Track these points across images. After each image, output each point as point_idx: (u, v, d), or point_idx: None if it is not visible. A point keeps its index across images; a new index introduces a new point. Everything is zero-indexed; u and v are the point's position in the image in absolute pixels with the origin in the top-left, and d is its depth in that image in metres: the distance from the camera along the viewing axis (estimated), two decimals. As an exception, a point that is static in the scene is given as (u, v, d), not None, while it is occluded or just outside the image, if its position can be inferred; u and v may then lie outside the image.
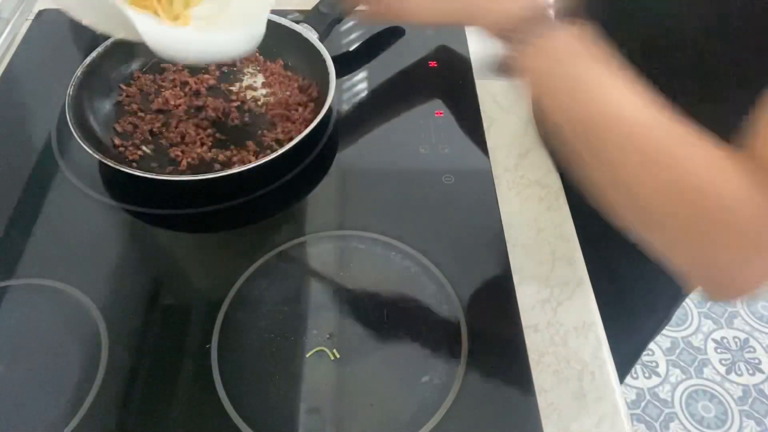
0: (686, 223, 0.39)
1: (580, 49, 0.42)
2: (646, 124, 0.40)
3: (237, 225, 0.68)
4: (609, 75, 0.41)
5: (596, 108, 0.41)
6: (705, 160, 0.39)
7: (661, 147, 0.39)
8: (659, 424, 1.45)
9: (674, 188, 0.39)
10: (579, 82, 0.41)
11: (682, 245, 0.41)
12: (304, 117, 0.75)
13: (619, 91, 0.41)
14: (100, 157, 0.65)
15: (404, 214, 0.68)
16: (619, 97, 0.40)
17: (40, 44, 0.87)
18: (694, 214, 0.39)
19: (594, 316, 0.60)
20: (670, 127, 0.40)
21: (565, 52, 0.42)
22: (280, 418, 0.53)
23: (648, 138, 0.39)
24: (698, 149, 0.39)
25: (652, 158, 0.39)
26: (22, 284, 0.61)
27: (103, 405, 0.53)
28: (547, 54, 0.42)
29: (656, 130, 0.39)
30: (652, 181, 0.39)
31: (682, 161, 0.39)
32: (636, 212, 0.42)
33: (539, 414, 0.53)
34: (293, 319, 0.59)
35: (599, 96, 0.41)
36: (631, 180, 0.40)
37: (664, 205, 0.40)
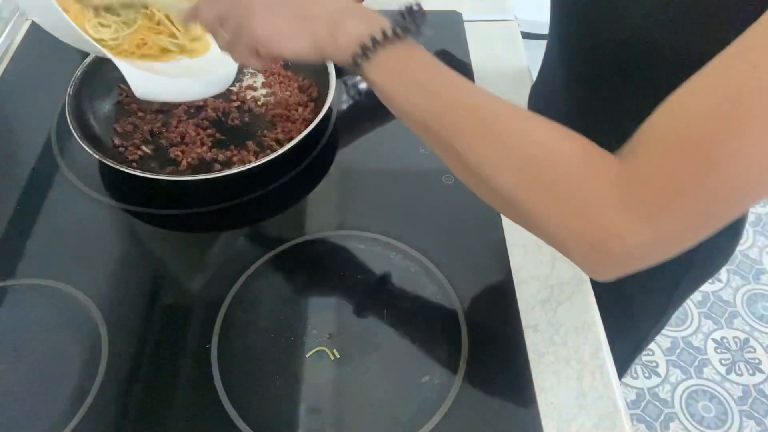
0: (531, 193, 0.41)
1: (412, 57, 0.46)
2: (474, 108, 0.43)
3: (237, 225, 0.68)
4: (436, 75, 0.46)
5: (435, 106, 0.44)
6: (539, 130, 0.42)
7: (494, 124, 0.42)
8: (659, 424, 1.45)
9: (509, 159, 0.41)
10: (416, 86, 0.45)
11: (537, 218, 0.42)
12: (304, 117, 0.75)
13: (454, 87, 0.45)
14: (100, 157, 0.65)
15: (404, 214, 0.68)
16: (454, 92, 0.45)
17: (40, 44, 0.87)
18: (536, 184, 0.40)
19: (594, 316, 0.60)
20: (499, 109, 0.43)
21: (401, 61, 0.46)
22: (280, 418, 0.53)
23: (480, 120, 0.43)
24: (531, 122, 0.42)
25: (483, 136, 0.42)
26: (22, 284, 0.62)
27: (103, 405, 0.53)
28: (384, 66, 0.46)
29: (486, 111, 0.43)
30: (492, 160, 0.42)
31: (516, 136, 0.42)
32: (491, 196, 0.45)
33: (539, 414, 0.53)
34: (293, 319, 0.59)
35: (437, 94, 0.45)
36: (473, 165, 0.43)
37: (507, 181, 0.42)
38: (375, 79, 0.47)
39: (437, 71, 0.46)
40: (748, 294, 1.68)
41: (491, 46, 0.88)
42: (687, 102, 0.37)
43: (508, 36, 0.90)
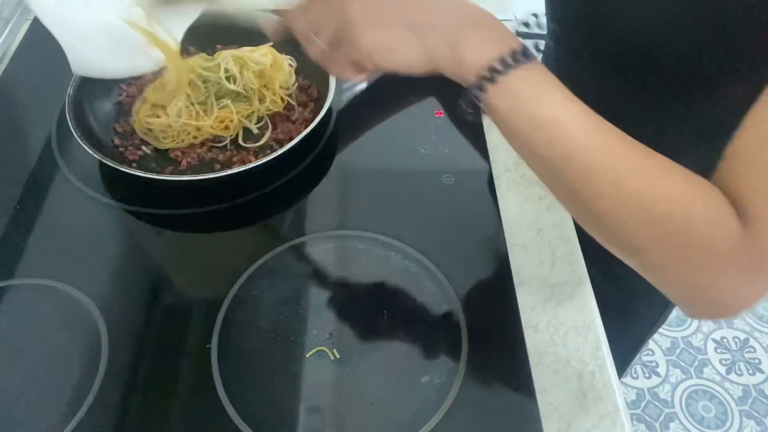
0: (661, 249, 0.41)
1: (545, 86, 0.42)
2: (612, 156, 0.40)
3: (237, 225, 0.68)
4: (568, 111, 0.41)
5: (563, 146, 0.41)
6: (675, 187, 0.40)
7: (629, 177, 0.40)
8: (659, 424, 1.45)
9: (643, 217, 0.40)
10: (544, 121, 0.41)
11: (662, 271, 0.42)
12: (304, 117, 0.75)
13: (582, 126, 0.41)
14: (100, 157, 0.65)
15: (404, 214, 0.68)
16: (582, 133, 0.41)
17: (40, 44, 0.87)
18: (669, 240, 0.40)
19: (594, 316, 0.60)
20: (636, 157, 0.40)
21: (530, 90, 0.41)
22: (280, 418, 0.53)
23: (614, 169, 0.40)
24: (667, 177, 0.40)
25: (621, 190, 0.40)
26: (22, 284, 0.61)
27: (103, 405, 0.53)
28: (511, 92, 0.41)
29: (623, 162, 0.40)
30: (624, 212, 0.40)
31: (652, 190, 0.40)
32: (614, 243, 0.43)
33: (539, 414, 0.53)
34: (293, 319, 0.59)
35: (566, 133, 0.41)
36: (602, 214, 0.41)
37: (638, 234, 0.41)
38: (496, 105, 0.42)
39: (566, 103, 0.42)
40: (748, 294, 1.68)
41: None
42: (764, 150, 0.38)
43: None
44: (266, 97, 0.74)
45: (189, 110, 0.71)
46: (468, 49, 0.42)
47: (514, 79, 0.41)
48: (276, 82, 0.75)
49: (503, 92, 0.41)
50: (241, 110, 0.72)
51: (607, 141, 0.41)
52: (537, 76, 0.42)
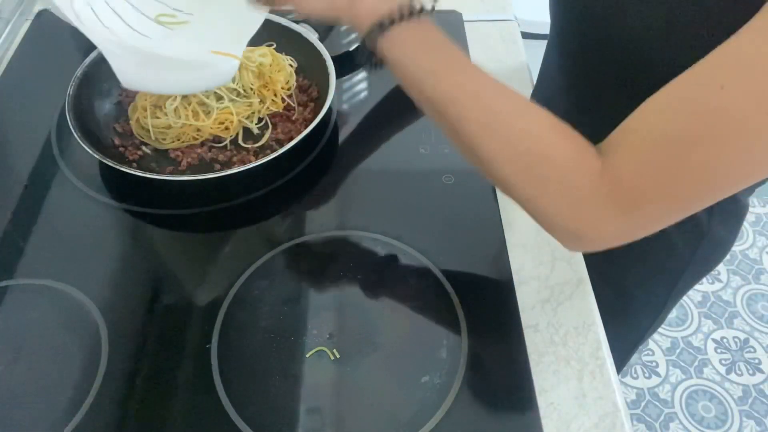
0: (525, 182, 0.46)
1: (428, 37, 0.48)
2: (483, 99, 0.46)
3: (237, 225, 0.68)
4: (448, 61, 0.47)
5: (443, 88, 0.46)
6: (538, 126, 0.45)
7: (498, 117, 0.45)
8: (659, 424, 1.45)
9: (508, 151, 0.45)
10: (427, 67, 0.47)
11: (529, 203, 0.47)
12: (304, 117, 0.75)
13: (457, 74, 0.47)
14: (100, 157, 0.65)
15: (404, 214, 0.68)
16: (458, 79, 0.46)
17: (40, 44, 0.87)
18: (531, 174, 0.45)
19: (594, 316, 0.60)
20: (506, 100, 0.46)
21: (414, 40, 0.47)
22: (280, 418, 0.53)
23: (485, 109, 0.46)
24: (532, 118, 0.45)
25: (489, 128, 0.45)
26: (22, 284, 0.61)
27: (103, 405, 0.53)
28: (397, 44, 0.47)
29: (492, 104, 0.46)
30: (493, 148, 0.46)
31: (517, 128, 0.45)
32: (491, 177, 0.49)
33: (539, 414, 0.53)
34: (293, 319, 0.59)
35: (445, 78, 0.46)
36: (477, 151, 0.47)
37: (506, 168, 0.46)
38: (388, 56, 0.48)
39: (449, 54, 0.48)
40: (748, 294, 1.68)
41: (491, 46, 0.88)
42: (662, 110, 0.42)
43: (508, 36, 0.90)
44: (266, 98, 0.74)
45: (186, 109, 0.71)
46: (361, 5, 0.48)
47: (399, 32, 0.47)
48: (277, 83, 0.75)
49: (391, 43, 0.47)
50: (241, 111, 0.72)
51: (479, 86, 0.46)
52: (421, 30, 0.48)
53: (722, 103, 0.38)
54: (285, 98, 0.76)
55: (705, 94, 0.39)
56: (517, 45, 0.88)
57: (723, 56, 0.39)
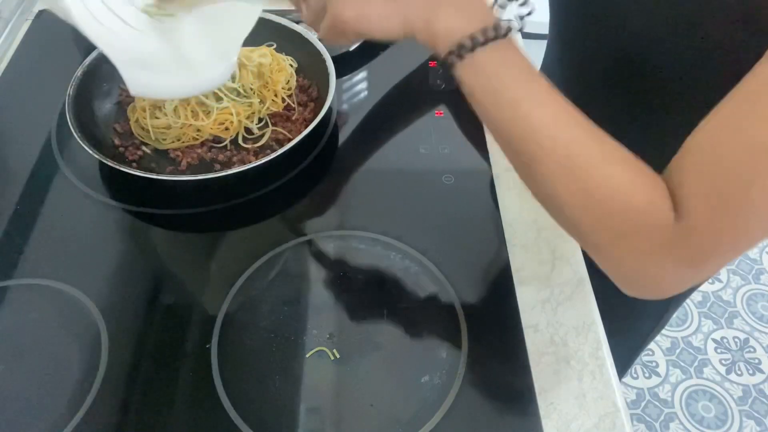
0: (599, 230, 0.44)
1: (510, 64, 0.44)
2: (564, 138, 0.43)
3: (237, 225, 0.68)
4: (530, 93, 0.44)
5: (521, 124, 0.43)
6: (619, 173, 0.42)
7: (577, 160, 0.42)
8: (659, 424, 1.45)
9: (586, 199, 0.43)
10: (508, 98, 0.43)
11: (598, 250, 0.45)
12: (304, 117, 0.75)
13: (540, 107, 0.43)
14: (100, 157, 0.65)
15: (404, 214, 0.68)
16: (540, 113, 0.43)
17: (40, 44, 0.87)
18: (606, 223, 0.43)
19: (594, 316, 0.60)
20: (587, 141, 0.43)
21: (496, 67, 0.43)
22: (280, 418, 0.53)
23: (565, 151, 0.42)
24: (613, 163, 0.43)
25: (568, 171, 0.43)
26: (22, 284, 0.61)
27: (103, 405, 0.53)
28: (478, 69, 0.43)
29: (573, 145, 0.43)
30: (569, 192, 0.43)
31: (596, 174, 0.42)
32: (560, 220, 0.47)
33: (539, 414, 0.53)
34: (293, 319, 0.59)
35: (525, 112, 0.43)
36: (550, 192, 0.44)
37: (580, 215, 0.44)
38: (464, 80, 0.44)
39: (530, 83, 0.44)
40: (748, 294, 1.68)
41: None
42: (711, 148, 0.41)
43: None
44: (266, 98, 0.74)
45: (185, 109, 0.70)
46: (440, 25, 0.44)
47: (482, 56, 0.43)
48: (278, 83, 0.75)
49: (470, 68, 0.43)
50: (241, 111, 0.72)
51: (563, 125, 0.43)
52: (504, 55, 0.44)
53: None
54: (285, 98, 0.76)
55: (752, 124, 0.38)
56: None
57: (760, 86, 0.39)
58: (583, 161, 0.42)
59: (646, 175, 0.43)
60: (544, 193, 0.45)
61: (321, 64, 0.75)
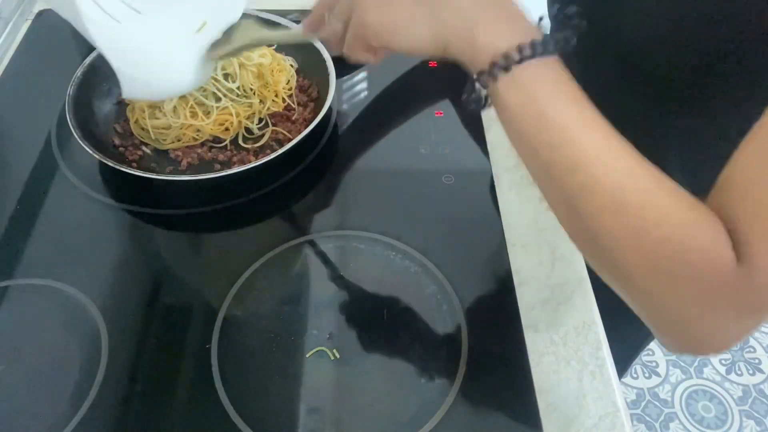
0: (652, 275, 0.38)
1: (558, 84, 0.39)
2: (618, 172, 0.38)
3: (237, 225, 0.68)
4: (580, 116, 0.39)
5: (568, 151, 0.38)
6: (677, 211, 0.37)
7: (633, 196, 0.37)
8: (659, 424, 1.45)
9: (640, 238, 0.37)
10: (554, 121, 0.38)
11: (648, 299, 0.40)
12: (304, 117, 0.75)
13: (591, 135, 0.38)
14: (100, 157, 0.65)
15: (404, 214, 0.68)
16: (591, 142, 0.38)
17: (40, 44, 0.87)
18: (662, 266, 0.37)
19: (594, 316, 0.60)
20: (643, 176, 0.38)
21: (541, 85, 0.39)
22: (280, 418, 0.53)
23: (619, 185, 0.38)
24: (671, 200, 0.38)
25: (622, 207, 0.37)
26: (22, 284, 0.61)
27: (103, 405, 0.53)
28: (523, 85, 0.39)
29: (629, 179, 0.38)
30: (620, 231, 0.38)
31: (653, 212, 0.37)
32: (603, 262, 0.41)
33: (539, 414, 0.53)
34: (293, 319, 0.59)
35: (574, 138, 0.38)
36: (597, 230, 0.39)
37: (631, 256, 0.38)
38: (505, 97, 0.39)
39: (579, 106, 0.39)
40: (748, 294, 1.68)
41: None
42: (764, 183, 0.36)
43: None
44: (267, 98, 0.74)
45: (184, 109, 0.70)
46: (484, 32, 0.39)
47: (528, 72, 0.38)
48: (279, 84, 0.75)
49: (515, 84, 0.39)
50: (242, 112, 0.72)
51: (615, 155, 0.38)
52: (552, 73, 0.39)
53: None
54: (285, 98, 0.76)
55: None
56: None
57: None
58: (638, 195, 0.37)
59: (706, 213, 0.37)
60: (588, 233, 0.40)
61: (321, 64, 0.75)
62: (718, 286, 0.37)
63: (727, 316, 0.38)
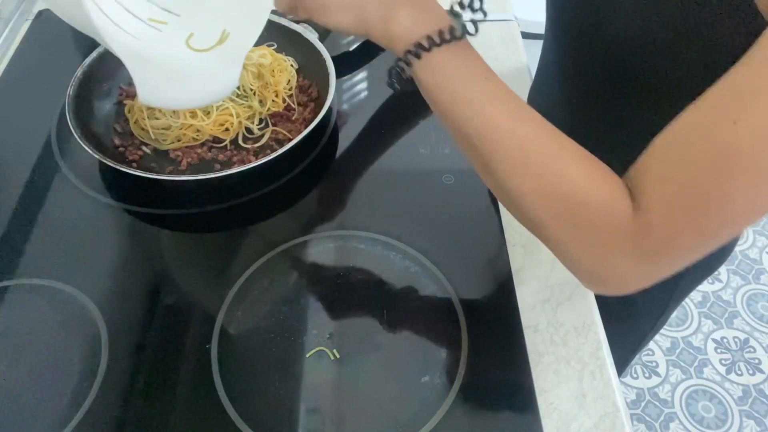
0: (557, 225, 0.44)
1: (466, 64, 0.45)
2: (520, 136, 0.43)
3: (237, 225, 0.68)
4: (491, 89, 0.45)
5: (477, 121, 0.44)
6: (575, 169, 0.43)
7: (534, 157, 0.43)
8: (659, 424, 1.45)
9: (543, 195, 0.43)
10: (463, 97, 0.44)
11: (557, 246, 0.46)
12: (304, 117, 0.75)
13: (496, 106, 0.44)
14: (100, 157, 0.65)
15: (404, 214, 0.68)
16: (496, 112, 0.44)
17: (40, 44, 0.87)
18: (564, 218, 0.43)
19: (594, 316, 0.60)
20: (544, 139, 0.43)
21: (451, 68, 0.44)
22: (280, 418, 0.53)
23: (521, 148, 0.43)
24: (569, 159, 0.43)
25: (525, 168, 0.43)
26: (22, 284, 0.62)
27: (103, 405, 0.53)
28: (435, 69, 0.44)
29: (530, 142, 0.43)
30: (526, 188, 0.44)
31: (553, 170, 0.43)
32: (519, 216, 0.47)
33: (539, 414, 0.53)
34: (293, 319, 0.59)
35: (480, 109, 0.44)
36: (508, 188, 0.45)
37: (538, 210, 0.44)
38: (421, 79, 0.45)
39: (485, 82, 0.45)
40: (748, 294, 1.68)
41: (491, 46, 0.88)
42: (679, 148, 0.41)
43: (508, 36, 0.90)
44: (267, 98, 0.74)
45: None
46: (397, 25, 0.45)
47: (438, 57, 0.44)
48: (280, 84, 0.75)
49: (427, 68, 0.44)
50: (242, 113, 0.72)
51: (518, 121, 0.44)
52: (460, 55, 0.44)
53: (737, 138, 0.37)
54: (285, 98, 0.76)
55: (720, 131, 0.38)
56: (517, 45, 0.88)
57: (732, 89, 0.39)
58: (539, 156, 0.43)
59: (604, 171, 0.43)
60: (502, 190, 0.46)
61: (321, 64, 0.75)
62: (614, 234, 0.42)
63: (626, 261, 0.42)
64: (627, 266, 0.43)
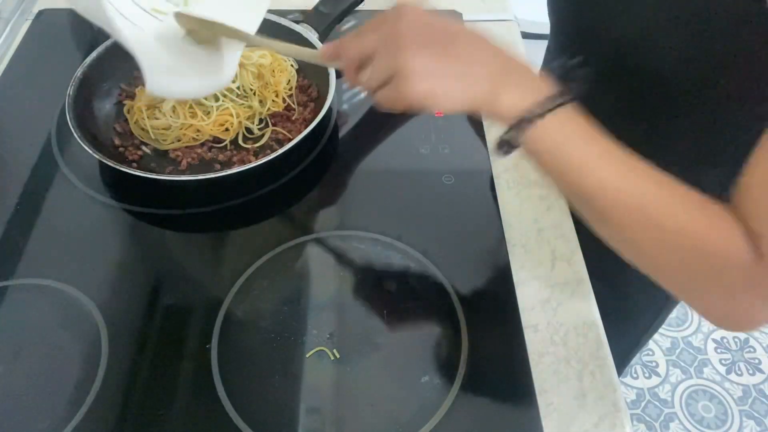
0: (678, 274, 0.47)
1: (570, 130, 0.45)
2: (636, 192, 0.45)
3: (237, 225, 0.68)
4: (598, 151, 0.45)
5: (587, 183, 0.45)
6: (693, 220, 0.44)
7: (651, 211, 0.44)
8: (659, 424, 1.45)
9: (667, 246, 0.45)
10: (571, 162, 0.45)
11: (680, 292, 0.48)
12: (304, 117, 0.75)
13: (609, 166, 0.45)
14: (100, 157, 0.65)
15: (404, 214, 0.68)
16: (609, 172, 0.45)
17: (40, 44, 0.87)
18: (685, 268, 0.45)
19: (594, 316, 0.60)
20: (658, 190, 0.45)
21: (555, 135, 0.45)
22: (280, 418, 0.53)
23: (638, 204, 0.44)
24: (687, 210, 0.44)
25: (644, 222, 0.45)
26: (22, 284, 0.61)
27: (103, 405, 0.53)
28: (542, 137, 0.45)
29: (646, 196, 0.45)
30: (645, 241, 0.46)
31: (671, 223, 0.44)
32: (639, 264, 0.48)
33: (539, 414, 0.53)
34: (293, 319, 0.59)
35: (589, 172, 0.45)
36: (626, 240, 0.47)
37: (659, 261, 0.46)
38: (533, 149, 0.46)
39: (590, 144, 0.45)
40: (748, 294, 1.68)
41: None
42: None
43: (508, 36, 0.90)
44: (267, 98, 0.74)
45: (183, 108, 0.70)
46: (502, 102, 0.45)
47: (548, 124, 0.45)
48: (280, 84, 0.75)
49: (537, 136, 0.45)
50: (242, 113, 0.72)
51: (632, 179, 0.45)
52: (569, 120, 0.45)
53: None
54: (285, 98, 0.76)
55: None
56: (517, 45, 0.88)
57: None
58: (656, 210, 0.44)
59: (722, 217, 0.44)
60: (622, 241, 0.47)
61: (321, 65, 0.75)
62: (738, 280, 0.44)
63: (749, 306, 0.45)
64: (753, 309, 0.45)
